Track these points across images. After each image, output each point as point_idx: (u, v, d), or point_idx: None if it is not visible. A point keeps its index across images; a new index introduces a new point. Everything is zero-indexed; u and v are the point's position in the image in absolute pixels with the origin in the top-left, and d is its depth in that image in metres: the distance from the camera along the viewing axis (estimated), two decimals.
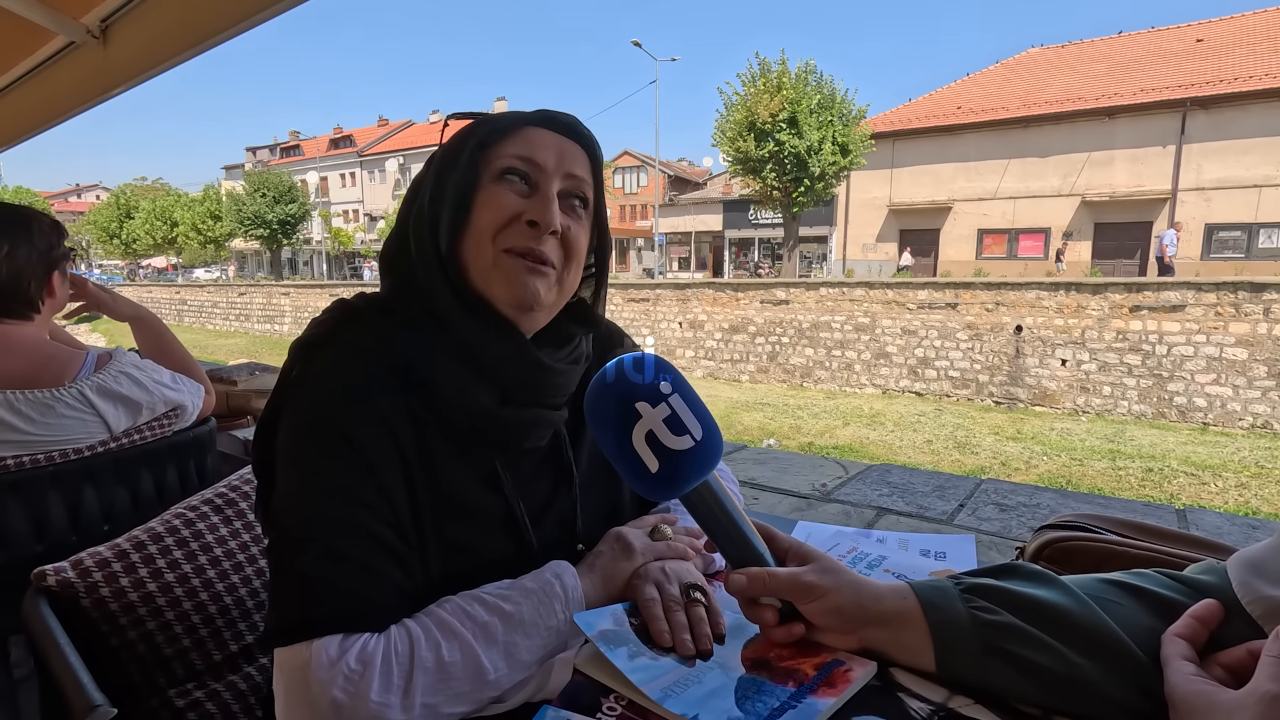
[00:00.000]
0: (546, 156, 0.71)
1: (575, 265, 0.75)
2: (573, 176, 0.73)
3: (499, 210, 0.70)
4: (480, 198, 0.70)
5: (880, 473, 2.34)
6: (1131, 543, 0.90)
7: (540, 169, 0.71)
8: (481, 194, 0.70)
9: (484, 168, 0.71)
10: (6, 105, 2.63)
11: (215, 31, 1.65)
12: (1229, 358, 11.66)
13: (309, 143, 50.47)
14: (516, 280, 0.70)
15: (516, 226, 0.70)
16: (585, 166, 0.74)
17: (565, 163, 0.72)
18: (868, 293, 15.16)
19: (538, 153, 0.71)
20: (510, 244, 0.70)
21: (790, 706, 0.55)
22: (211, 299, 31.42)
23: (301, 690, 0.55)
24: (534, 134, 0.72)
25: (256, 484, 0.71)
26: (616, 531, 0.76)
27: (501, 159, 0.70)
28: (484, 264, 0.70)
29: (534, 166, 0.71)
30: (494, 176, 0.70)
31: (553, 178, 0.71)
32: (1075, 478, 8.17)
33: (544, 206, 0.69)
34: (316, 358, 0.67)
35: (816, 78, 19.19)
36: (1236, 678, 0.50)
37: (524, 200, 0.70)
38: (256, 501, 0.72)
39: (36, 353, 1.34)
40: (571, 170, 0.72)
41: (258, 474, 0.70)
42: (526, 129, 0.72)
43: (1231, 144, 18.80)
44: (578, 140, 0.74)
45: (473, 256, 0.70)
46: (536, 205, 0.70)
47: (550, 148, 0.72)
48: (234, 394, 2.28)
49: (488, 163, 0.71)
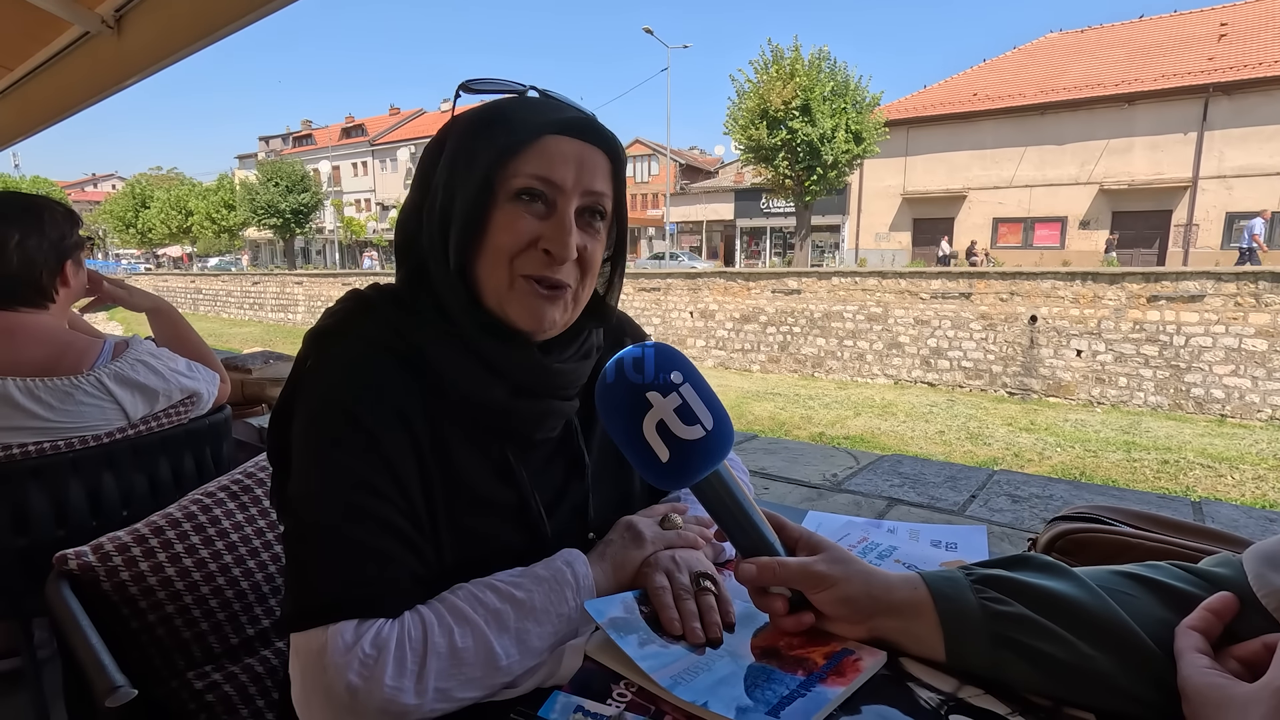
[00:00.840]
0: (565, 174, 0.67)
1: (590, 279, 0.73)
2: (592, 193, 0.69)
3: (516, 235, 0.67)
4: (496, 218, 0.68)
5: (892, 463, 2.33)
6: (1145, 535, 0.89)
7: (559, 189, 0.67)
8: (498, 214, 0.68)
9: (500, 185, 0.67)
10: (24, 96, 2.65)
11: (227, 21, 1.65)
12: (1248, 349, 11.48)
13: (321, 132, 50.62)
14: (532, 308, 0.69)
15: (533, 253, 0.68)
16: (605, 175, 0.71)
17: (585, 178, 0.68)
18: (880, 282, 15.04)
19: (556, 171, 0.67)
20: (527, 270, 0.68)
21: (800, 695, 0.55)
22: (226, 288, 31.70)
23: (317, 674, 0.56)
24: (552, 145, 0.67)
25: (271, 471, 0.72)
26: (627, 520, 0.76)
27: (518, 178, 0.67)
28: (499, 285, 0.69)
29: (552, 187, 0.67)
30: (510, 195, 0.67)
31: (571, 197, 0.68)
32: (1089, 469, 8.10)
33: (561, 236, 0.67)
34: (331, 347, 0.67)
35: (830, 65, 18.98)
36: (1251, 671, 0.49)
37: (541, 223, 0.67)
38: (272, 488, 0.73)
39: (54, 341, 1.36)
40: (590, 186, 0.69)
41: (273, 461, 0.71)
42: (544, 140, 0.67)
43: (1255, 130, 18.44)
44: (598, 144, 0.70)
45: (488, 276, 0.69)
46: (554, 233, 0.67)
47: (569, 162, 0.68)
48: (249, 382, 2.30)
49: (504, 180, 0.67)
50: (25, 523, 1.31)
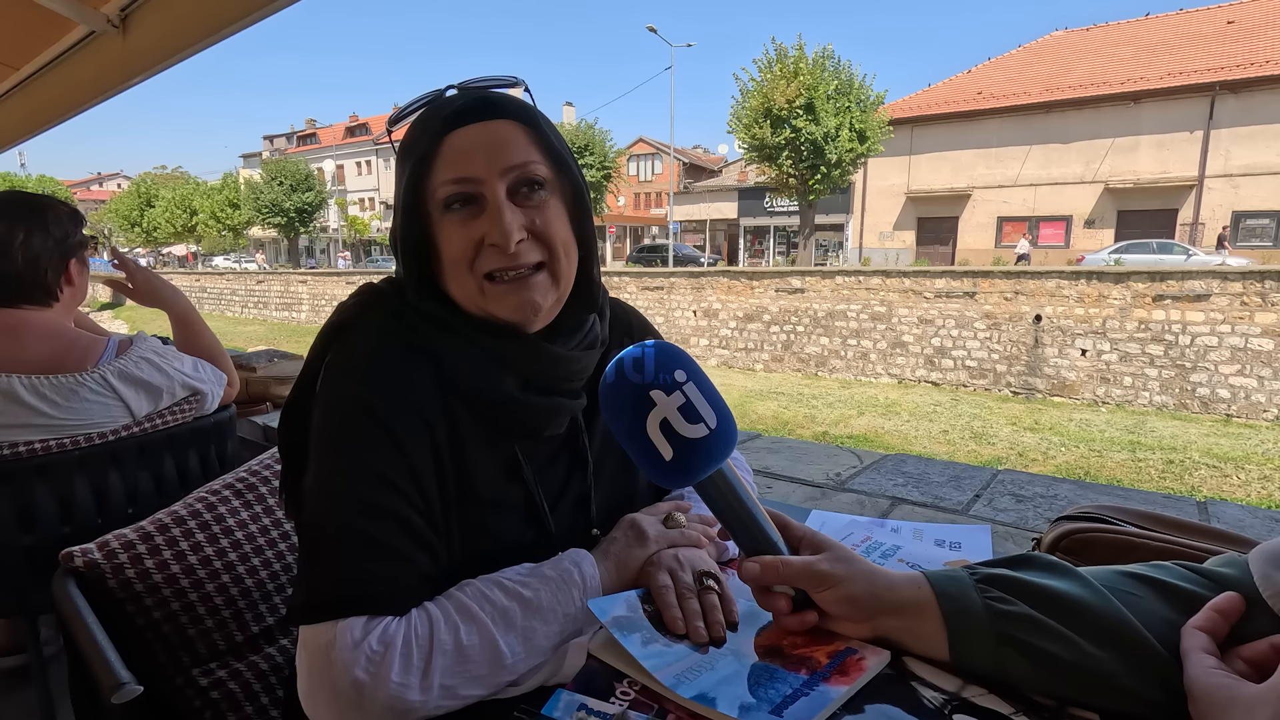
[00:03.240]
0: (475, 165, 0.65)
1: (562, 251, 0.70)
2: (514, 167, 0.66)
3: (460, 244, 0.67)
4: (440, 236, 0.68)
5: (895, 462, 2.33)
6: (1150, 535, 0.89)
7: (477, 181, 0.66)
8: (439, 231, 0.68)
9: (430, 205, 0.68)
10: (30, 95, 2.66)
11: (232, 20, 1.66)
12: (1254, 348, 11.42)
13: (325, 131, 50.71)
14: (508, 301, 0.69)
15: (484, 251, 0.67)
16: (524, 144, 0.67)
17: (499, 157, 0.66)
18: (884, 281, 15.00)
19: (466, 166, 0.65)
20: (487, 268, 0.68)
21: (803, 694, 0.55)
22: (230, 286, 31.77)
23: (325, 669, 0.56)
24: (455, 142, 0.66)
25: (281, 466, 0.72)
26: (630, 518, 0.76)
27: (439, 190, 0.66)
28: (471, 294, 0.69)
29: (470, 183, 0.66)
30: (440, 209, 0.67)
31: (493, 183, 0.66)
32: (1094, 469, 8.07)
33: (498, 226, 0.65)
34: (348, 342, 0.68)
35: (834, 63, 18.93)
36: (1259, 672, 0.49)
37: (477, 221, 0.67)
38: (281, 482, 0.73)
39: (58, 338, 1.37)
40: (509, 162, 0.66)
41: (284, 456, 0.71)
42: (446, 141, 0.66)
43: (1262, 129, 18.34)
44: (502, 116, 0.67)
45: (459, 290, 0.70)
46: (490, 226, 0.66)
47: (476, 150, 0.66)
48: (254, 380, 2.31)
49: (430, 197, 0.67)
50: (31, 520, 1.31)
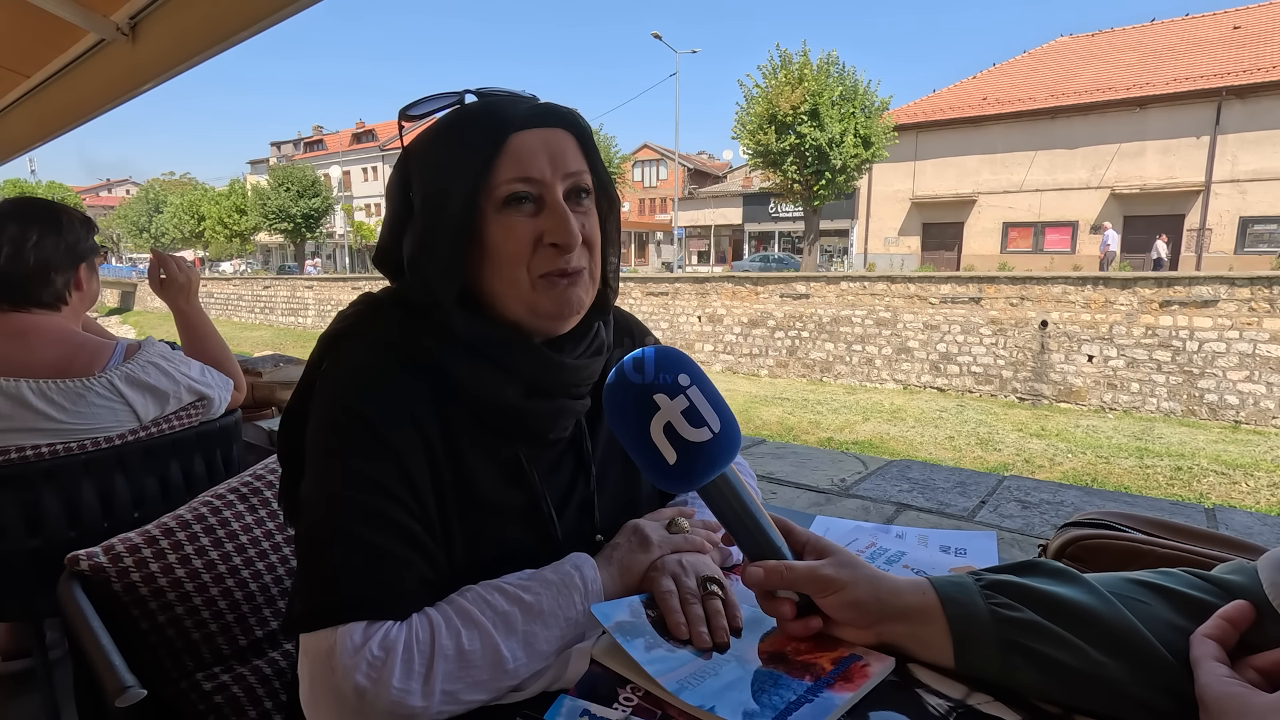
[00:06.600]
0: (542, 167, 0.67)
1: (597, 256, 0.74)
2: (571, 174, 0.69)
3: (520, 241, 0.68)
4: (492, 231, 0.68)
5: (900, 468, 2.32)
6: (1158, 541, 0.88)
7: (541, 183, 0.68)
8: (492, 227, 0.68)
9: (485, 199, 0.67)
10: (40, 102, 2.69)
11: (240, 28, 1.67)
12: (1263, 354, 11.36)
13: (332, 137, 50.99)
14: (561, 298, 0.69)
15: (542, 251, 0.68)
16: (577, 152, 0.71)
17: (560, 162, 0.68)
18: (889, 286, 14.99)
19: (533, 166, 0.67)
20: (543, 269, 0.68)
21: (807, 700, 0.55)
22: (237, 291, 31.95)
23: (326, 675, 0.56)
24: (520, 143, 0.67)
25: (281, 472, 0.72)
26: (634, 524, 0.76)
27: (501, 186, 0.67)
28: (521, 291, 0.69)
29: (535, 184, 0.67)
30: (498, 206, 0.67)
31: (555, 186, 0.68)
32: (1101, 475, 8.03)
33: (562, 228, 0.67)
34: (345, 351, 0.68)
35: (839, 69, 18.97)
36: (1271, 681, 0.49)
37: (536, 220, 0.68)
38: (281, 489, 0.73)
39: (66, 342, 1.38)
40: (568, 168, 0.69)
41: (283, 462, 0.71)
42: (511, 141, 0.67)
43: (1269, 134, 18.27)
44: (560, 124, 0.70)
45: (505, 287, 0.69)
46: (553, 226, 0.67)
47: (540, 152, 0.68)
48: (259, 385, 2.32)
49: (488, 193, 0.67)
50: (38, 523, 1.32)
